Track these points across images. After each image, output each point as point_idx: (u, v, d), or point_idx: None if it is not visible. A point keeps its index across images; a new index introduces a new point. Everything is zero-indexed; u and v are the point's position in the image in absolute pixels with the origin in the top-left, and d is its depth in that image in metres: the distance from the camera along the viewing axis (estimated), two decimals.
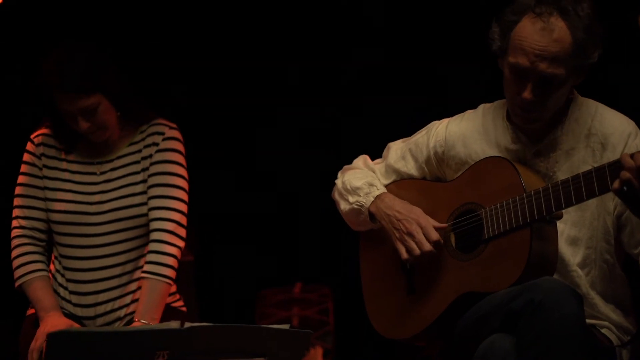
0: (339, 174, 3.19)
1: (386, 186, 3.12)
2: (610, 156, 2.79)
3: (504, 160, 2.85)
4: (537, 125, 2.86)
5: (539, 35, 2.73)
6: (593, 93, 2.95)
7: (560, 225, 2.80)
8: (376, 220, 3.04)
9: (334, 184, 3.19)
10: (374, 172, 3.16)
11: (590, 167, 2.70)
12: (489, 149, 2.95)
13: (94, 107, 3.21)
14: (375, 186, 3.07)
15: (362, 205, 3.05)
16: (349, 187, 3.10)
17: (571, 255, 2.84)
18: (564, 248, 2.83)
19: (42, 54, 3.27)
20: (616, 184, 2.54)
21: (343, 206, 3.12)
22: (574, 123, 2.87)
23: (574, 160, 2.85)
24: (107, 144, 3.36)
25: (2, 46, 4.61)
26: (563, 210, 2.73)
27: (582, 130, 2.86)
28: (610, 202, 2.83)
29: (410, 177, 3.12)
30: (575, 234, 2.85)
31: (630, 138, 2.83)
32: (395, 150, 3.16)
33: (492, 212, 2.81)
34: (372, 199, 3.04)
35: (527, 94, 2.76)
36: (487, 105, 3.05)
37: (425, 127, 3.13)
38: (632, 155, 2.52)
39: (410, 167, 3.12)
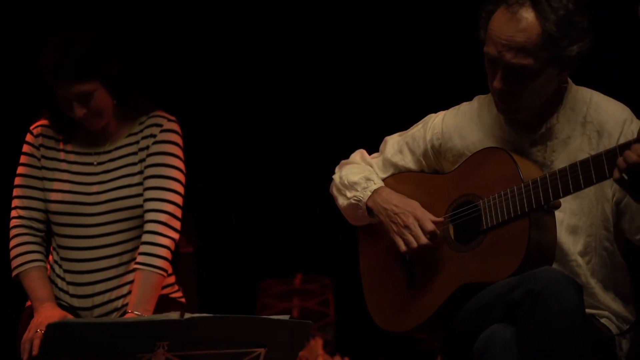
0: (337, 169, 3.19)
1: (384, 180, 3.11)
2: (607, 143, 2.79)
3: (501, 150, 2.85)
4: (523, 116, 2.86)
5: (506, 25, 2.73)
6: (593, 85, 2.96)
7: (559, 214, 2.79)
8: (374, 215, 3.04)
9: (332, 179, 3.18)
10: (371, 166, 3.16)
11: (587, 155, 2.71)
12: (486, 140, 2.96)
13: (90, 92, 3.20)
14: (373, 180, 3.07)
15: (359, 200, 3.05)
16: (346, 182, 3.10)
17: (572, 244, 2.84)
18: (564, 237, 2.83)
19: (41, 45, 3.26)
20: (616, 174, 2.53)
21: (341, 201, 3.12)
22: (570, 111, 2.87)
23: (570, 149, 2.85)
24: (105, 135, 3.36)
25: (1, 39, 4.60)
26: (562, 199, 2.72)
27: (578, 118, 2.87)
28: (608, 189, 2.82)
29: (408, 171, 3.12)
30: (575, 222, 2.84)
31: (626, 124, 2.83)
32: (392, 144, 3.15)
33: (490, 202, 2.81)
34: (370, 194, 3.04)
35: (496, 83, 2.78)
36: (482, 96, 3.04)
37: (422, 120, 3.13)
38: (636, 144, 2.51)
39: (407, 161, 3.12)
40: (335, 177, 3.16)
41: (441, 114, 3.09)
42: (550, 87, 2.82)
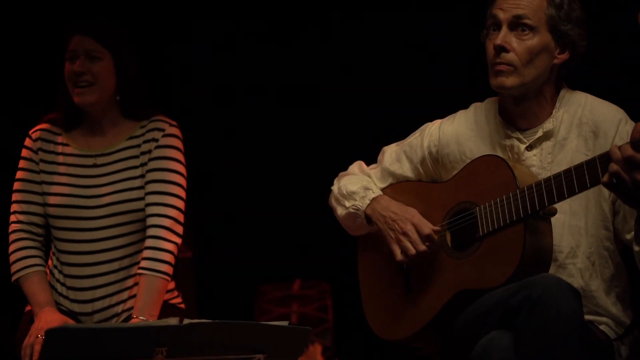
0: (335, 181, 3.22)
1: (382, 190, 3.14)
2: (603, 143, 2.84)
3: (497, 158, 2.88)
4: (515, 87, 2.87)
5: None
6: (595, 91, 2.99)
7: (560, 216, 2.81)
8: (373, 223, 3.06)
9: (330, 190, 3.20)
10: (369, 177, 3.19)
11: (584, 156, 2.76)
12: (483, 146, 2.99)
13: (99, 57, 3.27)
14: (371, 189, 3.10)
15: (358, 209, 3.08)
16: (345, 192, 3.13)
17: (575, 245, 2.86)
18: (566, 238, 2.85)
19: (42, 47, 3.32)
20: (606, 177, 2.55)
21: (340, 211, 3.15)
22: (565, 114, 2.92)
23: (567, 151, 2.89)
24: (104, 137, 3.37)
25: (4, 44, 4.61)
26: (565, 200, 2.72)
27: (573, 120, 2.91)
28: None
29: (406, 179, 3.14)
30: (576, 222, 2.87)
31: (621, 124, 2.87)
32: (390, 153, 3.19)
33: (487, 209, 2.82)
34: (368, 202, 3.07)
35: (499, 40, 2.86)
36: (479, 103, 3.09)
37: (419, 129, 3.18)
38: (619, 147, 2.53)
39: (405, 169, 3.14)
40: (334, 188, 3.19)
41: (438, 121, 3.14)
42: (544, 61, 2.88)
